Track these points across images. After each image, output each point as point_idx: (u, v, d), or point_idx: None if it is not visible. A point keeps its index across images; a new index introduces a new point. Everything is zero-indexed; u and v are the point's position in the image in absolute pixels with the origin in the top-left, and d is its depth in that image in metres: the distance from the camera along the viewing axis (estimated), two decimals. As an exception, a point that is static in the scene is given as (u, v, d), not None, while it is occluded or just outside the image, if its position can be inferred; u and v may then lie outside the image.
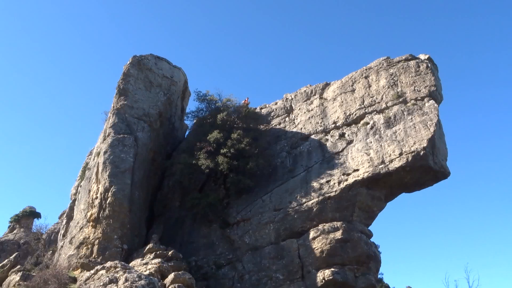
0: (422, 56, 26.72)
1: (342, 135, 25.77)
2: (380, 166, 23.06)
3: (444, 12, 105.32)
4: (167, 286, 18.37)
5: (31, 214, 39.83)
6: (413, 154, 22.57)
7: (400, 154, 22.91)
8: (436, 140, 23.06)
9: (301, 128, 27.81)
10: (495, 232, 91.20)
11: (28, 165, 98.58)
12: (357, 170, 23.61)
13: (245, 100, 31.68)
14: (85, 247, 23.59)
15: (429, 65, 25.77)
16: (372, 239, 23.60)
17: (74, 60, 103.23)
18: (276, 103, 30.67)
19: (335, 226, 22.42)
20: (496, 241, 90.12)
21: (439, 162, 23.08)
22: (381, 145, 23.81)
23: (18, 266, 23.97)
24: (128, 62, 29.46)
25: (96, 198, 24.39)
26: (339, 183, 23.58)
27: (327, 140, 26.05)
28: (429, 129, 23.03)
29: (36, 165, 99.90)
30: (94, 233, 23.72)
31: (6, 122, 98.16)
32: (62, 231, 28.86)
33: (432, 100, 24.35)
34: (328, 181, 23.92)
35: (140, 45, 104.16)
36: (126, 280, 16.64)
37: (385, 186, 23.69)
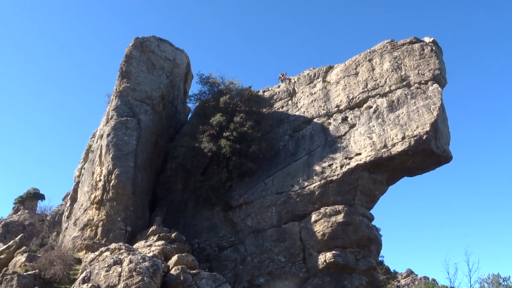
0: (427, 39, 26.42)
1: (345, 119, 25.71)
2: (383, 150, 23.06)
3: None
4: (170, 267, 18.61)
5: (35, 195, 40.26)
6: (415, 138, 22.54)
7: (403, 138, 22.88)
8: (439, 124, 23.00)
9: (304, 112, 27.75)
10: (495, 216, 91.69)
11: (32, 147, 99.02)
12: (360, 154, 23.64)
13: (283, 75, 31.52)
14: (89, 229, 23.85)
15: (434, 48, 25.51)
16: (373, 222, 23.79)
17: (77, 43, 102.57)
18: (279, 86, 30.55)
19: (337, 209, 22.56)
20: (496, 226, 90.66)
21: (441, 146, 23.06)
22: (383, 129, 23.78)
23: (24, 247, 24.29)
24: (131, 44, 29.27)
25: (100, 180, 24.55)
26: (341, 166, 23.63)
27: (329, 123, 26.01)
28: (432, 113, 22.94)
29: (40, 147, 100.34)
30: (98, 215, 23.94)
31: (11, 105, 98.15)
32: (66, 213, 29.15)
33: (436, 84, 24.19)
34: (330, 165, 23.98)
35: (143, 27, 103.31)
36: (131, 261, 16.86)
37: (387, 170, 23.73)
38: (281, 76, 31.52)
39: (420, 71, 25.02)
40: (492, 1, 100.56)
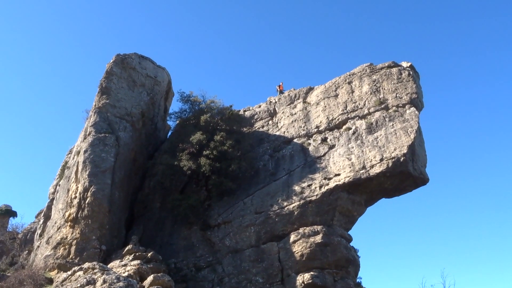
0: (404, 64, 27.20)
1: (324, 140, 25.99)
2: (361, 171, 23.33)
3: (424, 20, 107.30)
4: (145, 288, 18.20)
5: (7, 212, 38.88)
6: (393, 160, 22.92)
7: (381, 159, 23.23)
8: (416, 147, 23.48)
9: (284, 132, 27.94)
10: (472, 238, 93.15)
11: (5, 162, 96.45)
12: (338, 174, 23.84)
13: (279, 86, 31.48)
14: (62, 248, 23.19)
15: (411, 72, 26.25)
16: (351, 244, 23.85)
17: (55, 57, 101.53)
18: (259, 106, 30.76)
19: (316, 230, 22.56)
20: (472, 247, 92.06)
21: (418, 169, 23.50)
22: (362, 151, 24.10)
23: (-8, 266, 23.43)
24: (112, 61, 29.11)
25: (75, 197, 24.02)
26: (320, 187, 23.75)
27: (309, 144, 26.23)
28: (410, 136, 23.43)
29: (13, 162, 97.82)
30: (72, 233, 23.34)
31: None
32: (39, 231, 28.30)
33: (413, 107, 24.80)
34: (309, 185, 24.08)
35: (124, 43, 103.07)
36: (104, 281, 16.43)
37: (365, 191, 23.97)
38: (277, 87, 31.67)
39: (398, 95, 25.63)
40: (470, 27, 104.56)
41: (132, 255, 21.80)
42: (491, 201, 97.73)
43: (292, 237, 22.63)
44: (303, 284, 21.25)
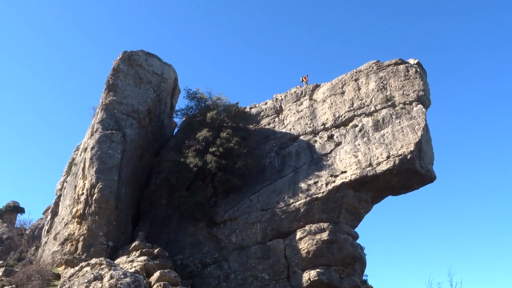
0: (412, 61, 27.02)
1: (330, 137, 25.92)
2: (368, 169, 23.24)
3: (433, 16, 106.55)
4: (152, 284, 18.27)
5: (15, 209, 39.25)
6: (400, 157, 22.80)
7: (388, 157, 23.12)
8: (423, 144, 23.34)
9: (290, 129, 27.90)
10: (479, 236, 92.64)
11: (13, 159, 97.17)
12: (345, 172, 23.77)
13: (305, 77, 31.28)
14: (69, 244, 23.35)
15: (418, 69, 26.07)
16: (358, 241, 23.79)
17: (62, 54, 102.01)
18: (266, 103, 30.73)
19: (322, 227, 22.53)
20: (479, 245, 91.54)
21: (425, 166, 23.37)
22: (369, 148, 24.01)
23: (1, 262, 23.64)
24: (118, 58, 29.23)
25: (82, 194, 24.15)
26: (326, 184, 23.70)
27: (315, 141, 26.17)
28: (417, 133, 23.30)
29: (21, 159, 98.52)
30: (79, 229, 23.48)
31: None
32: (46, 227, 28.51)
33: (420, 105, 24.64)
34: (315, 182, 24.04)
35: (131, 40, 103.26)
36: (111, 277, 16.51)
37: (372, 188, 23.88)
38: (303, 78, 31.27)
39: (404, 92, 25.47)
40: (478, 21, 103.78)
41: (139, 251, 21.90)
42: (498, 198, 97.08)
43: (298, 234, 22.61)
44: (309, 281, 21.24)
